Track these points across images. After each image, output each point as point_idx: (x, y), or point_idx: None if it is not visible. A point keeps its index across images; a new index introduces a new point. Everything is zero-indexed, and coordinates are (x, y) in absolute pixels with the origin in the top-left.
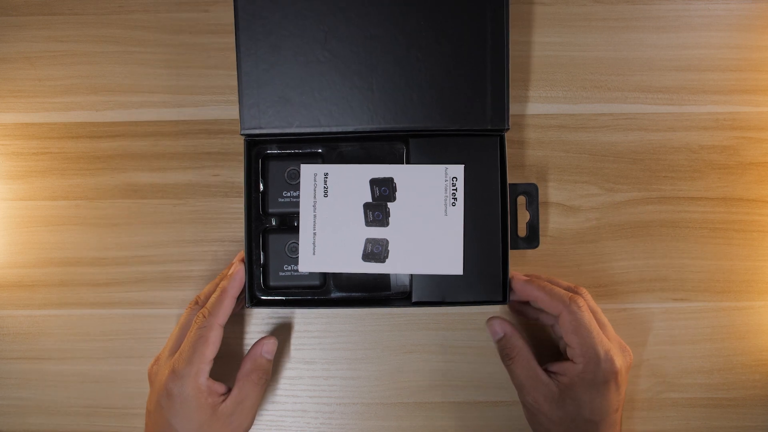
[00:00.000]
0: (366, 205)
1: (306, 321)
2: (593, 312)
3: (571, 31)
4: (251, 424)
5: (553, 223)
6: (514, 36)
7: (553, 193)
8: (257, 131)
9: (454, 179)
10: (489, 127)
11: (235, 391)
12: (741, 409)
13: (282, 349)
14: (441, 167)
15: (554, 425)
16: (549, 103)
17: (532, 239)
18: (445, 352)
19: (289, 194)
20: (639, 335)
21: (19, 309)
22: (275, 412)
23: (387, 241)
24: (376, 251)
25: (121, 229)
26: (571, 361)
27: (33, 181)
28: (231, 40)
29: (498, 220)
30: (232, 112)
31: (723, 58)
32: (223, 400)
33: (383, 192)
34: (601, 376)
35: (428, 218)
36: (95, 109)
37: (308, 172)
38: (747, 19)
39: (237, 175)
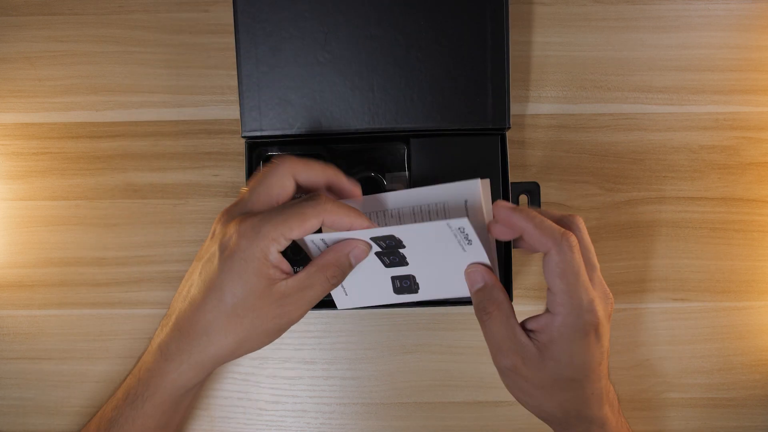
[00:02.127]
0: (378, 253)
1: (306, 321)
2: (585, 250)
3: (571, 31)
4: (299, 317)
5: None
6: (514, 36)
7: (553, 193)
8: (258, 133)
9: (461, 229)
10: (490, 126)
11: (302, 275)
12: (741, 409)
13: (282, 349)
14: (442, 223)
15: (535, 389)
16: (549, 103)
17: None
18: (445, 352)
19: None
20: (639, 335)
21: (19, 309)
22: (275, 412)
23: (413, 276)
24: (405, 285)
25: (121, 229)
26: (549, 312)
27: (33, 181)
28: (231, 40)
29: None
30: (232, 112)
31: (723, 58)
32: (285, 279)
33: (389, 243)
34: (581, 327)
35: (446, 258)
36: (95, 109)
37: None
38: (747, 19)
39: (237, 175)
